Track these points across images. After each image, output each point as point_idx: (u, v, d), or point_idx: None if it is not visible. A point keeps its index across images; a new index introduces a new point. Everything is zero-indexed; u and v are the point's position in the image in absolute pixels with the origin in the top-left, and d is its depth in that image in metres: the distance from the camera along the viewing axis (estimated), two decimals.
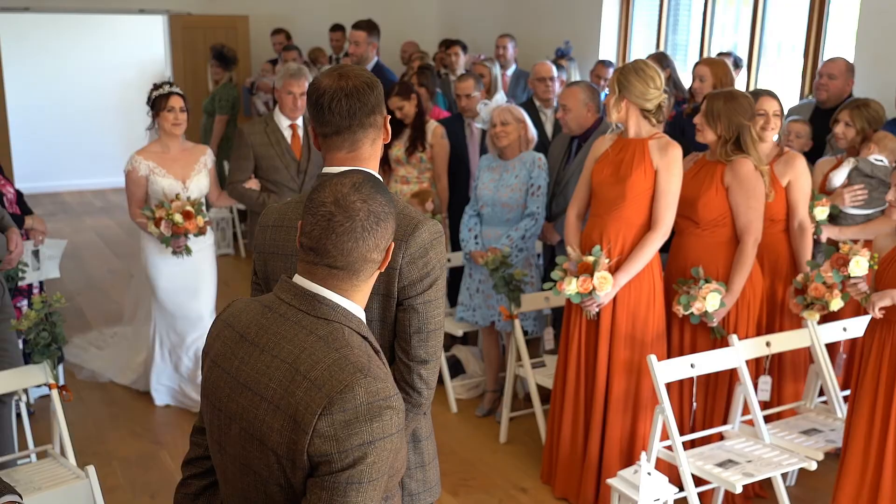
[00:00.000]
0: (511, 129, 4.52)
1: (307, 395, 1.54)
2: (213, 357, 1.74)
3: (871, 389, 3.29)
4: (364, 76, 2.05)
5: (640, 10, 7.93)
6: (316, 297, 1.65)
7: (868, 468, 3.32)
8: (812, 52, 6.26)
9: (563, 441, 3.95)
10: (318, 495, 1.53)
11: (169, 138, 4.61)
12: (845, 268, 3.27)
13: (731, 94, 3.79)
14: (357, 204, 1.62)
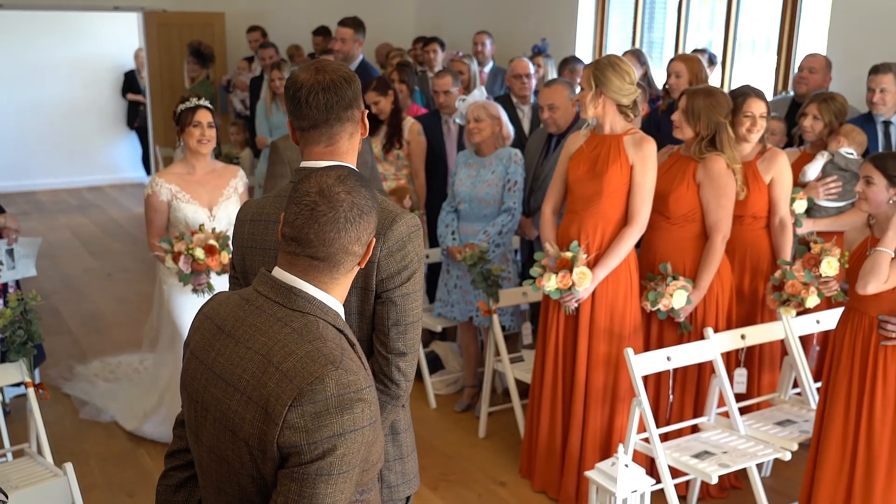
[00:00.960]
0: (484, 125, 4.53)
1: (278, 387, 1.55)
2: (192, 349, 1.76)
3: (846, 380, 3.34)
4: (342, 70, 2.06)
5: (616, 8, 7.97)
6: (293, 289, 1.66)
7: (845, 458, 3.37)
8: (785, 49, 6.33)
9: (541, 435, 3.97)
10: (287, 486, 1.54)
11: (195, 158, 4.10)
12: (817, 268, 3.31)
13: (710, 91, 3.83)
14: (341, 195, 1.63)
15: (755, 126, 3.95)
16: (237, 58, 9.19)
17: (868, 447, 3.31)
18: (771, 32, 6.55)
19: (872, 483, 3.33)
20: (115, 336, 6.02)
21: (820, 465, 3.42)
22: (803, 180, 4.29)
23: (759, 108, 3.95)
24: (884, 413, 3.28)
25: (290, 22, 9.40)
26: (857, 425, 3.33)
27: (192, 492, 1.94)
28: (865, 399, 3.29)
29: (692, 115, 3.75)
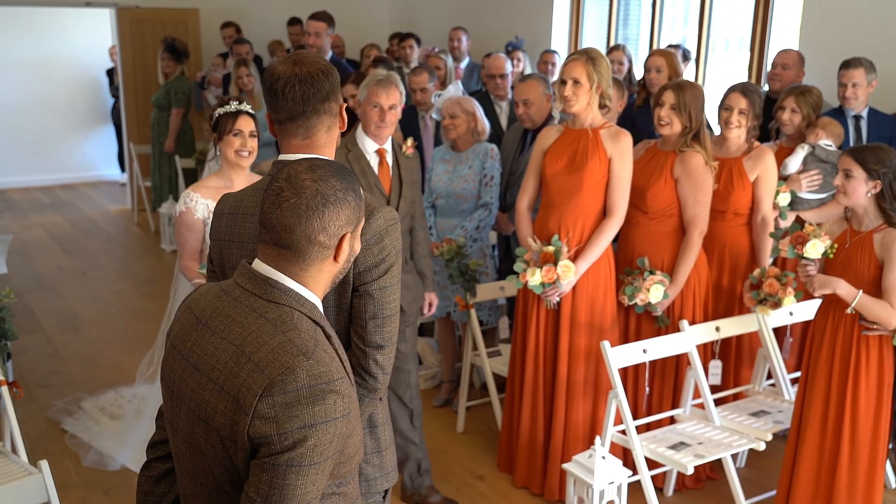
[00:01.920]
0: (460, 121, 4.54)
1: (249, 377, 1.55)
2: (172, 340, 1.76)
3: (826, 371, 3.39)
4: (319, 63, 2.06)
5: (591, 4, 8.01)
6: (269, 280, 1.66)
7: (825, 448, 3.42)
8: (758, 46, 6.40)
9: (522, 429, 3.98)
10: (258, 477, 1.54)
11: (233, 170, 3.57)
12: (801, 247, 3.34)
13: (694, 85, 3.87)
14: (307, 182, 1.62)
15: (731, 119, 3.97)
16: (212, 54, 9.14)
17: (852, 437, 3.36)
18: (744, 30, 6.62)
19: (856, 472, 3.37)
20: (91, 334, 5.97)
21: (800, 456, 3.46)
22: (784, 173, 4.33)
23: (739, 103, 3.96)
24: (867, 403, 3.33)
25: (264, 18, 9.36)
26: (840, 416, 3.37)
27: (173, 483, 1.93)
28: (848, 390, 3.34)
29: (683, 109, 3.77)
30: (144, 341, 5.78)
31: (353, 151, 3.56)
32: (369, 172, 3.54)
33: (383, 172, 3.58)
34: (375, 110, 3.50)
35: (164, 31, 8.99)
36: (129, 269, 7.72)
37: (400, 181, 3.61)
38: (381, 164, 3.58)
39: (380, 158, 3.57)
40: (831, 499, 3.43)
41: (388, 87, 3.51)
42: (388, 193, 3.57)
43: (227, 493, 1.65)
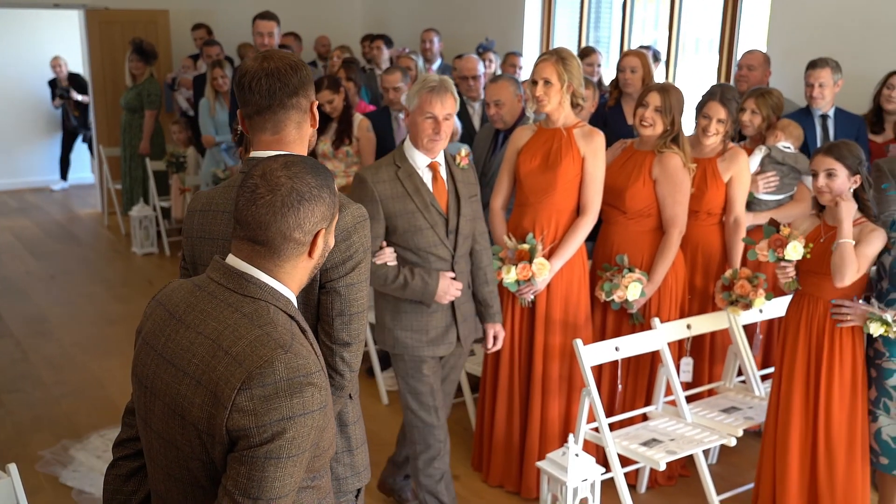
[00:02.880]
0: None
1: (227, 370, 1.56)
2: (144, 336, 1.75)
3: (804, 365, 3.43)
4: (289, 59, 2.07)
5: (562, 6, 8.06)
6: (244, 275, 1.66)
7: (807, 442, 3.46)
8: (727, 48, 6.47)
9: (497, 428, 3.99)
10: (236, 470, 1.54)
11: None
12: (782, 249, 3.38)
13: (678, 90, 3.90)
14: (282, 179, 1.63)
15: (710, 128, 4.01)
16: (182, 56, 9.07)
17: (827, 429, 3.41)
18: (713, 31, 6.69)
19: (834, 464, 3.42)
20: (60, 338, 5.90)
21: (784, 452, 3.50)
22: None
23: (718, 113, 3.99)
24: (841, 395, 3.38)
25: (235, 19, 9.30)
26: (816, 409, 3.42)
27: (142, 481, 1.92)
28: (822, 382, 3.39)
29: (667, 111, 3.80)
30: (115, 345, 5.73)
31: (403, 168, 3.24)
32: (423, 190, 3.24)
33: (438, 189, 3.29)
34: (429, 121, 3.17)
35: (134, 32, 8.91)
36: (100, 272, 7.64)
37: (457, 197, 3.32)
38: (436, 180, 3.29)
39: (433, 173, 3.28)
40: (817, 493, 3.48)
41: (443, 94, 3.18)
42: (446, 212, 3.29)
43: (203, 487, 1.65)
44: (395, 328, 3.35)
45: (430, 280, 3.24)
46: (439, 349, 3.37)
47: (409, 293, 3.25)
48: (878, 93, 4.73)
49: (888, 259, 3.31)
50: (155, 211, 8.13)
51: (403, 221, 3.22)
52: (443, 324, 3.36)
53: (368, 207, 3.11)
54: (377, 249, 3.25)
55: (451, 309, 3.37)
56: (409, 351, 3.35)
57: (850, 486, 3.43)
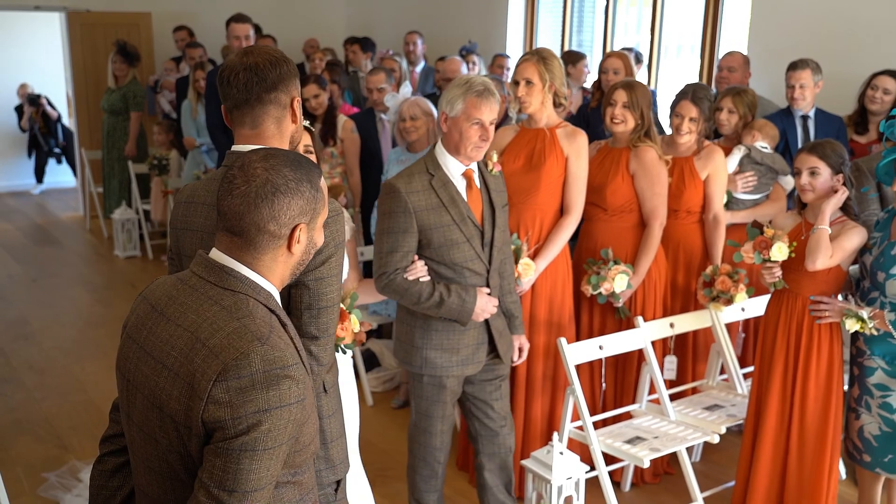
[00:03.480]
0: (420, 123, 4.56)
1: (204, 362, 1.56)
2: (128, 330, 1.76)
3: (782, 362, 3.46)
4: (270, 54, 2.09)
5: (545, 10, 8.10)
6: (224, 268, 1.67)
7: (781, 437, 3.49)
8: (708, 51, 6.52)
9: None
10: (212, 462, 1.54)
11: None
12: (767, 251, 3.41)
13: (642, 84, 3.94)
14: (258, 171, 1.64)
15: (682, 126, 4.04)
16: (164, 58, 9.05)
17: (801, 425, 3.44)
18: (695, 35, 6.74)
19: (803, 458, 3.45)
20: (41, 341, 5.86)
21: (758, 447, 3.52)
22: None
23: (689, 112, 4.02)
24: (816, 390, 3.41)
25: (218, 22, 9.23)
26: (792, 404, 3.45)
27: (127, 477, 1.91)
28: (799, 378, 3.42)
29: (635, 106, 3.83)
30: (97, 348, 5.70)
31: (437, 176, 3.04)
32: (460, 201, 3.05)
33: (473, 198, 3.11)
34: (475, 127, 3.00)
35: (116, 35, 8.88)
36: (82, 275, 7.59)
37: (491, 206, 3.16)
38: (470, 189, 3.12)
39: (467, 181, 3.11)
40: (784, 489, 3.51)
41: (489, 99, 3.00)
42: (481, 223, 3.12)
43: (181, 480, 1.65)
44: (425, 347, 3.17)
45: (467, 297, 3.07)
46: (468, 368, 3.23)
47: (445, 311, 3.07)
48: (863, 94, 4.77)
49: (869, 259, 3.34)
50: (138, 214, 8.09)
51: (438, 235, 3.03)
52: (474, 342, 3.21)
53: (401, 219, 3.00)
54: (408, 264, 3.05)
55: (486, 326, 3.23)
56: (434, 371, 3.18)
57: (817, 480, 3.47)
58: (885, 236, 3.32)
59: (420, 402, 3.30)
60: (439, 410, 3.28)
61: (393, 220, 3.03)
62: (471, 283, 3.12)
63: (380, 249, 3.07)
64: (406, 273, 3.04)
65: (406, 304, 3.10)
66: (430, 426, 3.30)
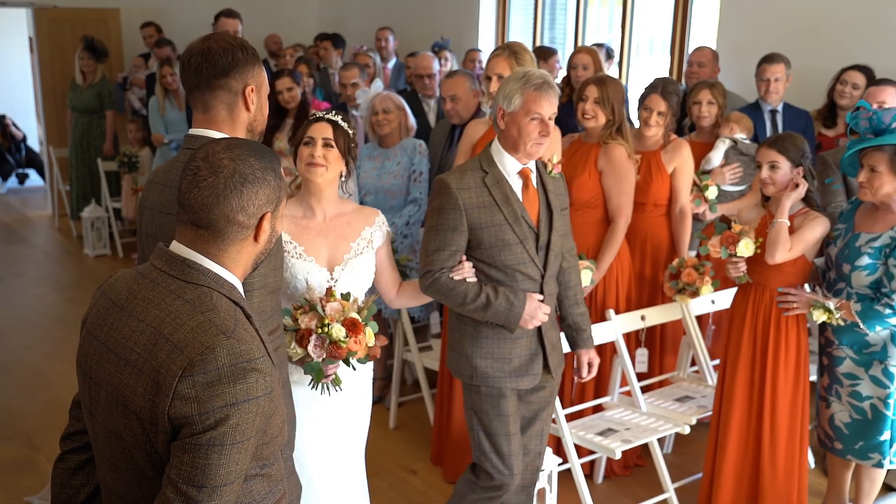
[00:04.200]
0: (392, 116, 4.55)
1: (169, 358, 1.54)
2: (88, 326, 1.73)
3: (748, 354, 3.49)
4: (226, 40, 2.11)
5: (517, 7, 8.12)
6: (186, 261, 1.64)
7: (750, 428, 3.52)
8: (678, 48, 6.58)
9: (454, 423, 3.99)
10: (180, 458, 1.52)
11: (312, 194, 2.83)
12: (734, 246, 3.44)
13: (615, 80, 3.96)
14: (224, 161, 1.62)
15: (651, 119, 4.08)
16: (133, 55, 8.96)
17: (772, 416, 3.47)
18: (665, 32, 6.79)
19: (776, 451, 3.49)
20: (10, 341, 5.78)
21: (726, 438, 3.55)
22: (707, 167, 4.44)
23: (658, 105, 4.06)
24: (785, 381, 3.45)
25: (187, 18, 9.21)
26: (761, 396, 3.49)
27: (90, 474, 1.89)
28: (768, 370, 3.45)
29: (606, 102, 3.85)
30: (66, 347, 5.62)
31: (490, 174, 2.87)
32: (514, 200, 2.87)
33: (529, 199, 2.92)
34: (534, 122, 2.81)
35: (84, 31, 8.75)
36: (51, 274, 7.50)
37: (549, 209, 2.96)
38: (527, 189, 2.92)
39: (524, 181, 2.92)
40: (757, 480, 3.55)
41: (549, 93, 2.82)
42: (537, 225, 2.93)
43: (148, 477, 1.62)
44: (475, 356, 2.94)
45: (515, 301, 2.84)
46: (523, 381, 2.97)
47: (491, 315, 2.85)
48: (832, 88, 4.83)
49: (834, 250, 3.39)
50: (107, 212, 8.01)
51: (490, 235, 2.85)
52: (528, 352, 2.96)
53: (450, 216, 2.83)
54: (455, 264, 2.88)
55: (538, 335, 2.98)
56: (488, 382, 2.94)
57: (789, 470, 3.51)
58: (849, 228, 3.36)
59: (481, 417, 2.98)
60: (503, 426, 2.96)
61: (442, 216, 2.85)
62: (523, 289, 2.89)
63: (426, 247, 2.90)
64: (452, 273, 2.87)
65: (451, 305, 2.93)
66: (497, 447, 2.97)
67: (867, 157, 3.21)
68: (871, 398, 3.33)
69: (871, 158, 3.19)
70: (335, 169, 2.78)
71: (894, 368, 3.28)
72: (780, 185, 3.39)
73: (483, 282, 2.89)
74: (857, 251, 3.26)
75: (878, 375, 3.30)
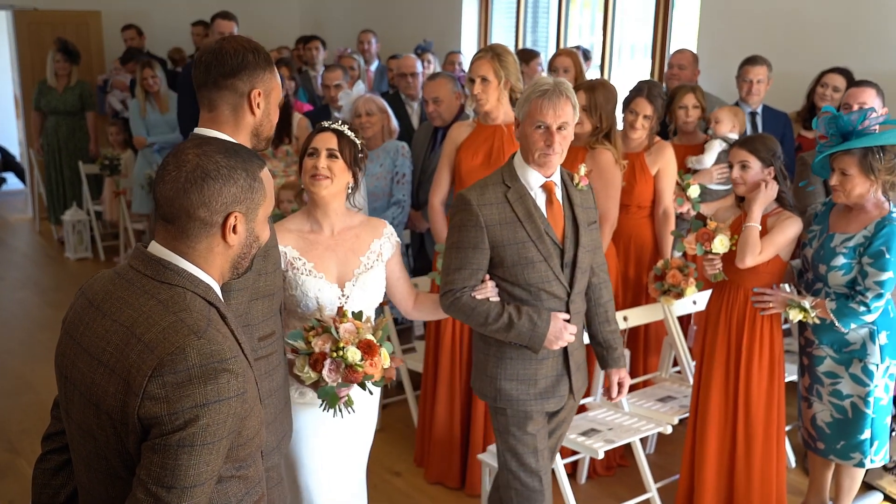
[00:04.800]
0: (375, 119, 4.56)
1: (139, 358, 1.53)
2: (65, 326, 1.73)
3: (723, 354, 3.52)
4: (240, 44, 2.14)
5: (499, 11, 8.15)
6: (161, 261, 1.65)
7: (727, 427, 3.55)
8: (659, 51, 6.62)
9: (437, 425, 3.99)
10: (149, 458, 1.51)
11: (318, 207, 2.71)
12: (709, 243, 3.47)
13: (605, 84, 3.96)
14: (189, 156, 1.63)
15: (636, 123, 4.10)
16: (114, 57, 8.92)
17: (746, 416, 3.50)
18: (647, 35, 6.84)
19: (752, 451, 3.51)
20: None
21: (703, 439, 3.58)
22: (700, 167, 4.46)
23: (644, 109, 4.09)
24: (759, 380, 3.47)
25: (168, 21, 9.20)
26: (736, 396, 3.51)
27: (70, 475, 1.88)
28: (742, 369, 3.48)
29: (594, 110, 3.86)
30: (48, 350, 5.57)
31: (513, 188, 2.75)
32: (537, 215, 2.75)
33: (554, 213, 2.79)
34: (539, 132, 2.69)
35: (64, 33, 8.71)
36: (31, 277, 7.45)
37: (575, 224, 2.81)
38: (550, 203, 2.79)
39: (548, 194, 2.79)
40: (733, 479, 3.58)
41: (556, 99, 2.68)
42: (562, 242, 2.79)
43: (121, 478, 1.62)
44: (500, 377, 2.84)
45: (539, 321, 2.73)
46: (549, 403, 2.86)
47: (514, 335, 2.74)
48: (812, 91, 4.88)
49: (810, 252, 3.42)
50: (89, 215, 7.96)
51: (512, 252, 2.73)
52: (554, 373, 2.85)
53: (471, 234, 2.72)
54: (477, 283, 2.78)
55: (564, 356, 2.86)
56: (514, 405, 2.84)
57: (767, 469, 3.53)
58: (823, 229, 3.40)
59: (507, 438, 2.88)
60: (529, 446, 2.86)
61: (463, 234, 2.74)
62: (548, 308, 2.77)
63: (447, 265, 2.79)
64: (474, 292, 2.77)
65: (473, 325, 2.82)
66: (525, 464, 2.87)
67: (837, 161, 3.25)
68: (851, 397, 3.37)
69: (841, 162, 3.23)
70: (341, 181, 2.66)
71: (873, 366, 3.32)
72: (750, 185, 3.42)
73: (507, 301, 2.78)
74: (832, 252, 3.30)
75: (858, 374, 3.34)
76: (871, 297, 3.19)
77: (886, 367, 3.33)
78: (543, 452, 2.89)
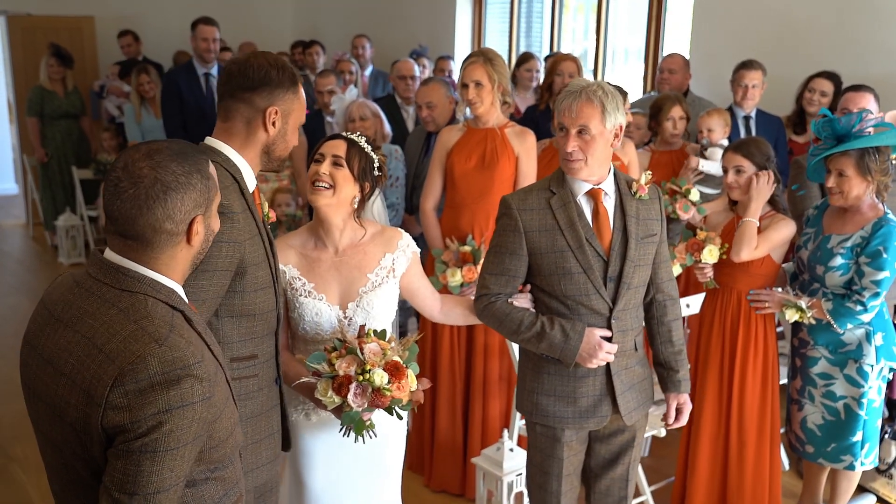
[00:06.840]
0: (369, 123, 4.56)
1: (100, 369, 1.52)
2: (27, 337, 1.71)
3: (718, 356, 3.53)
4: (267, 60, 2.15)
5: (493, 15, 8.17)
6: (120, 269, 1.62)
7: (720, 429, 3.56)
8: (652, 56, 6.64)
9: (438, 429, 3.97)
10: (114, 465, 1.50)
11: (321, 222, 2.56)
12: (699, 253, 3.49)
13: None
14: (144, 171, 1.57)
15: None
16: (108, 63, 8.92)
17: (740, 418, 3.51)
18: (640, 40, 6.86)
19: (745, 453, 3.52)
20: None
21: (697, 443, 3.58)
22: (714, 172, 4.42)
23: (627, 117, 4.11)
24: (753, 382, 3.48)
25: (162, 26, 9.19)
26: (730, 398, 3.52)
27: None
28: (736, 370, 3.49)
29: None
30: None
31: (558, 195, 2.60)
32: (581, 224, 2.58)
33: (600, 223, 2.61)
34: (561, 135, 2.58)
35: (58, 39, 8.70)
36: (25, 283, 7.43)
37: (625, 234, 2.61)
38: (597, 212, 2.61)
39: (594, 203, 2.62)
40: (726, 481, 3.58)
41: (575, 101, 2.52)
42: (607, 253, 2.59)
43: (91, 487, 1.60)
44: (537, 391, 2.71)
45: (572, 333, 2.56)
46: (589, 423, 2.69)
47: (546, 346, 2.59)
48: (801, 95, 4.89)
49: (805, 254, 3.43)
50: (82, 220, 7.94)
51: (549, 261, 2.58)
52: (596, 392, 2.67)
53: (509, 239, 2.61)
54: (514, 290, 2.67)
55: (607, 376, 2.67)
56: (547, 421, 2.70)
57: (760, 472, 3.54)
58: (818, 231, 3.41)
59: (535, 453, 2.80)
60: (555, 467, 2.74)
61: (502, 238, 2.64)
62: (588, 323, 2.60)
63: (485, 268, 2.69)
64: (513, 299, 2.65)
65: (505, 333, 2.70)
66: (545, 485, 2.78)
67: (834, 163, 3.26)
68: (844, 398, 3.37)
69: (838, 163, 3.24)
70: (344, 192, 2.48)
71: (868, 367, 3.32)
72: (745, 189, 3.44)
73: (543, 313, 2.66)
74: (829, 253, 3.31)
75: (853, 375, 3.35)
76: (868, 297, 3.21)
77: (881, 368, 3.34)
78: (569, 478, 2.77)
